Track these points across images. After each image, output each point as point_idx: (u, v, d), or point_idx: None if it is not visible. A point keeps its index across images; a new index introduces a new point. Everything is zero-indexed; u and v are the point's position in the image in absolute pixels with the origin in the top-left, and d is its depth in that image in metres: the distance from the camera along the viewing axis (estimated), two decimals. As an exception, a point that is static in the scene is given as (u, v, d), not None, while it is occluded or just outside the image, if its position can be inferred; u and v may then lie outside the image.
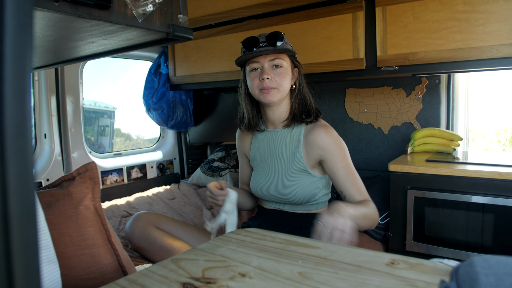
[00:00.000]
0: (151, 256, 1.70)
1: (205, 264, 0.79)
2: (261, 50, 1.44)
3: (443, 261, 0.75)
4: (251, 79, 1.49)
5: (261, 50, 1.44)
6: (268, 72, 1.45)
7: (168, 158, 3.39)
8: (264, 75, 1.45)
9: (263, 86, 1.46)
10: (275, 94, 1.47)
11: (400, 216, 1.89)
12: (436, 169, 1.78)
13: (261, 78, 1.46)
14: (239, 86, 1.59)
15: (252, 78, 1.49)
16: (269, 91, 1.46)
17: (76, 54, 1.35)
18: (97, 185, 0.93)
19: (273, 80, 1.46)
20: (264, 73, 1.45)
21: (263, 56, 1.46)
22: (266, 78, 1.45)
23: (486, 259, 0.47)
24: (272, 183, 1.57)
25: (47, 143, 2.48)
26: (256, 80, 1.47)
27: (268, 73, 1.45)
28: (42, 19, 0.83)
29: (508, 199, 1.61)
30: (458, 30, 1.77)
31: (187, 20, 1.04)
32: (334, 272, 0.72)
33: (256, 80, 1.48)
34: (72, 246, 0.86)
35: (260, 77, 1.46)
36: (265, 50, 1.44)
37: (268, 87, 1.45)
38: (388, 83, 2.46)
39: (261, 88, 1.46)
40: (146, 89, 3.04)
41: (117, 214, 2.44)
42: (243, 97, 1.57)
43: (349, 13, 2.05)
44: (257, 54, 1.44)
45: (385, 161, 2.34)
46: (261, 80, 1.46)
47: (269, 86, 1.45)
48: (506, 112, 2.71)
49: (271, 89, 1.46)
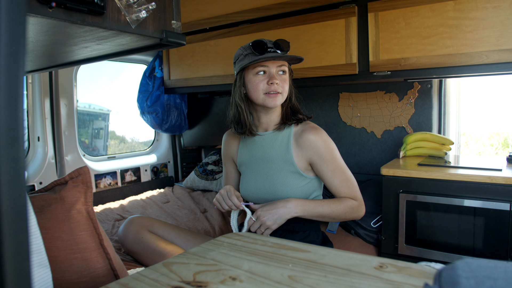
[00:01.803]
0: (144, 260, 1.70)
1: (196, 268, 0.80)
2: (280, 55, 1.46)
3: (430, 264, 0.76)
4: (256, 83, 1.49)
5: (278, 55, 1.46)
6: (277, 77, 1.48)
7: (162, 162, 3.39)
8: (274, 80, 1.47)
9: (272, 90, 1.48)
10: (280, 99, 1.51)
11: (392, 219, 1.91)
12: (427, 173, 1.80)
13: (270, 82, 1.47)
14: (235, 88, 1.58)
15: (258, 82, 1.49)
16: (277, 95, 1.49)
17: (70, 59, 1.36)
18: (89, 189, 0.94)
19: (280, 85, 1.49)
20: (273, 78, 1.47)
21: (272, 61, 1.48)
22: (276, 83, 1.47)
23: (468, 262, 0.48)
24: (263, 186, 1.58)
25: (40, 146, 2.47)
26: (262, 84, 1.48)
27: (277, 78, 1.48)
28: (36, 24, 0.83)
29: (498, 202, 1.63)
30: (449, 36, 1.80)
31: (180, 26, 1.05)
32: (323, 275, 0.73)
33: (262, 84, 1.48)
34: (64, 250, 0.87)
35: (268, 81, 1.48)
36: (282, 56, 1.47)
37: (277, 91, 1.48)
38: (381, 88, 2.48)
39: (268, 92, 1.48)
40: (141, 92, 3.04)
41: (110, 217, 2.44)
42: (242, 100, 1.56)
43: (342, 18, 2.08)
44: (271, 58, 1.45)
45: (378, 165, 2.36)
46: (269, 84, 1.48)
47: (277, 91, 1.48)
48: (498, 116, 2.74)
49: (278, 93, 1.49)
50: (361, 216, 1.57)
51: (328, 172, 1.52)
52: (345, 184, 1.52)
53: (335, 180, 1.52)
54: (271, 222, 1.42)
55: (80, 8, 0.81)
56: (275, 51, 1.47)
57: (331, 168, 1.51)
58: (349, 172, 1.56)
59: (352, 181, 1.55)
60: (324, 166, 1.52)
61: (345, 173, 1.53)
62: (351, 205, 1.51)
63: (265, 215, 1.42)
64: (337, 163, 1.53)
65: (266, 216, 1.42)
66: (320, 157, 1.51)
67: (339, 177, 1.52)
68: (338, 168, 1.52)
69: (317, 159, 1.52)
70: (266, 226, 1.42)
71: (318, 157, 1.51)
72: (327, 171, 1.52)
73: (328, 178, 1.53)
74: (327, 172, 1.52)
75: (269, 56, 1.44)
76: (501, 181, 1.63)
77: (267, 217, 1.42)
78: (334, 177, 1.52)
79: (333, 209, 1.49)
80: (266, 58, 1.44)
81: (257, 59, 1.44)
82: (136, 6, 0.92)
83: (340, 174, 1.52)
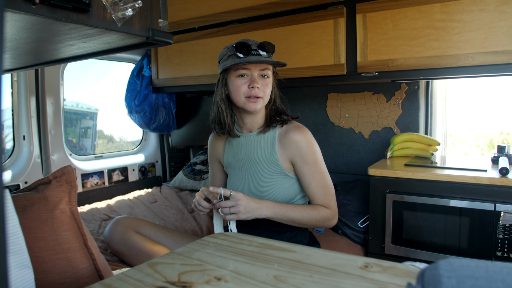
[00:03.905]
0: (130, 260, 1.68)
1: (181, 268, 0.79)
2: (262, 60, 1.42)
3: (415, 264, 0.77)
4: (237, 85, 1.46)
5: (261, 59, 1.42)
6: (258, 81, 1.45)
7: (150, 161, 3.37)
8: (254, 84, 1.44)
9: (252, 94, 1.45)
10: (260, 104, 1.48)
11: (379, 219, 1.92)
12: (414, 173, 1.81)
13: (251, 86, 1.44)
14: (217, 88, 1.56)
15: (239, 85, 1.46)
16: (257, 100, 1.46)
17: (55, 56, 1.34)
18: (73, 188, 0.93)
19: (261, 90, 1.46)
20: (254, 82, 1.44)
21: (254, 64, 1.45)
22: (257, 87, 1.45)
23: (451, 262, 0.49)
24: (249, 187, 1.57)
25: (25, 145, 2.44)
26: (244, 87, 1.46)
27: (258, 82, 1.45)
28: (19, 21, 0.82)
29: (483, 202, 1.65)
30: (436, 38, 1.82)
31: (167, 25, 1.04)
32: (308, 275, 0.73)
33: (244, 87, 1.46)
34: (47, 250, 0.85)
35: (249, 85, 1.45)
36: (266, 60, 1.42)
37: (257, 95, 1.46)
38: (369, 89, 2.50)
39: (249, 95, 1.45)
40: (129, 91, 3.01)
41: (97, 217, 2.41)
42: (223, 101, 1.54)
43: (331, 19, 2.09)
44: (253, 62, 1.42)
45: (366, 165, 2.38)
46: (250, 88, 1.45)
47: (258, 95, 1.46)
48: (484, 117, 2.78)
49: (259, 98, 1.47)
50: (333, 225, 1.56)
51: (307, 175, 1.51)
52: (321, 190, 1.51)
53: (312, 184, 1.51)
54: (244, 211, 1.37)
55: (65, 5, 0.80)
56: (259, 53, 1.45)
57: (310, 171, 1.50)
58: (329, 178, 1.54)
59: (329, 188, 1.53)
60: (304, 168, 1.51)
61: (323, 179, 1.52)
62: (324, 214, 1.50)
63: (243, 202, 1.37)
64: (318, 167, 1.51)
65: (244, 203, 1.37)
66: (302, 158, 1.50)
67: (317, 182, 1.51)
68: (318, 173, 1.51)
69: (298, 160, 1.51)
70: (237, 210, 1.36)
71: (300, 158, 1.50)
72: (306, 173, 1.51)
73: (306, 181, 1.52)
74: (306, 174, 1.51)
75: (251, 61, 1.41)
76: (485, 182, 1.65)
77: (244, 205, 1.37)
78: (312, 181, 1.51)
79: (304, 215, 1.47)
80: (248, 61, 1.41)
81: (239, 62, 1.41)
82: (122, 4, 0.91)
83: (319, 179, 1.51)
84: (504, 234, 1.62)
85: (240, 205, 1.36)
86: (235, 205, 1.37)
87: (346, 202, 2.16)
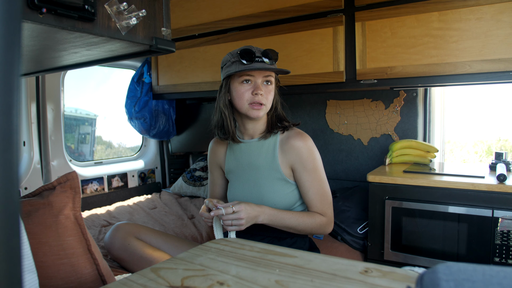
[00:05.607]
0: (130, 266, 1.69)
1: (184, 273, 0.81)
2: (266, 67, 1.43)
3: (414, 269, 0.78)
4: (241, 92, 1.47)
5: (265, 66, 1.43)
6: (262, 88, 1.47)
7: (150, 167, 3.38)
8: (258, 91, 1.45)
9: (255, 101, 1.46)
10: (263, 111, 1.50)
11: (378, 226, 1.93)
12: (413, 180, 1.83)
13: (254, 93, 1.45)
14: (220, 94, 1.56)
15: (243, 91, 1.47)
16: (260, 107, 1.47)
17: (58, 64, 1.36)
18: (77, 194, 0.94)
19: (264, 97, 1.47)
20: (258, 88, 1.45)
21: (258, 71, 1.47)
22: (260, 94, 1.46)
23: (449, 266, 0.50)
24: (250, 193, 1.58)
25: (26, 150, 2.45)
26: (247, 94, 1.47)
27: (262, 88, 1.47)
28: (26, 30, 0.84)
29: (481, 209, 1.67)
30: (434, 46, 1.84)
31: (170, 33, 1.06)
32: (309, 280, 0.74)
33: (247, 93, 1.47)
34: (51, 255, 0.86)
35: (253, 91, 1.46)
36: (270, 67, 1.44)
37: (260, 102, 1.47)
38: (368, 96, 2.52)
39: (252, 102, 1.46)
40: (129, 97, 3.03)
41: (97, 223, 2.41)
42: (226, 106, 1.55)
43: (330, 27, 2.11)
44: (257, 69, 1.43)
45: (365, 172, 2.39)
46: (254, 94, 1.46)
47: (261, 102, 1.47)
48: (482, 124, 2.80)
49: (262, 105, 1.48)
50: (328, 232, 1.57)
51: (306, 182, 1.52)
52: (319, 197, 1.52)
53: (311, 191, 1.52)
54: (245, 222, 1.38)
55: (71, 15, 0.82)
56: (263, 60, 1.46)
57: (310, 178, 1.51)
58: (327, 186, 1.55)
59: (327, 196, 1.54)
60: (303, 174, 1.52)
61: (322, 187, 1.53)
62: (320, 222, 1.51)
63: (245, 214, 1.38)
64: (317, 174, 1.52)
65: (246, 215, 1.38)
66: (302, 165, 1.51)
67: (315, 189, 1.52)
68: (317, 180, 1.52)
69: (298, 166, 1.52)
70: (239, 223, 1.37)
71: (300, 164, 1.51)
72: (305, 180, 1.52)
73: (305, 187, 1.53)
74: (305, 181, 1.52)
75: (255, 67, 1.42)
76: (483, 188, 1.66)
77: (246, 217, 1.38)
78: (310, 188, 1.52)
79: (300, 223, 1.48)
80: (252, 68, 1.42)
81: (243, 69, 1.43)
82: (126, 13, 0.93)
83: (317, 186, 1.52)
84: (502, 240, 1.63)
85: (242, 219, 1.37)
86: (238, 218, 1.37)
87: (345, 209, 2.17)
